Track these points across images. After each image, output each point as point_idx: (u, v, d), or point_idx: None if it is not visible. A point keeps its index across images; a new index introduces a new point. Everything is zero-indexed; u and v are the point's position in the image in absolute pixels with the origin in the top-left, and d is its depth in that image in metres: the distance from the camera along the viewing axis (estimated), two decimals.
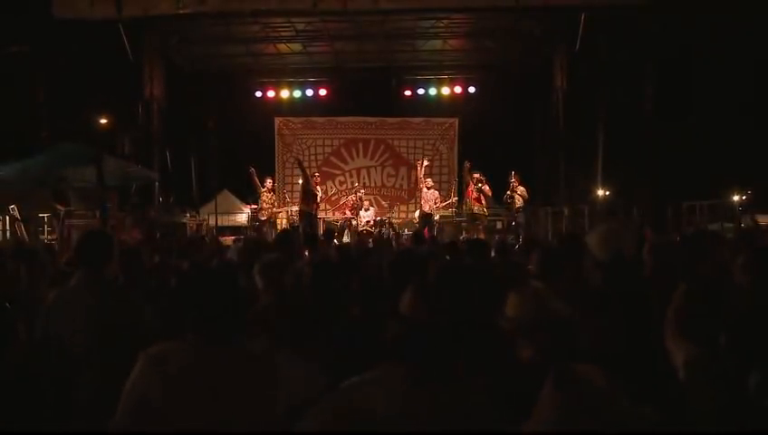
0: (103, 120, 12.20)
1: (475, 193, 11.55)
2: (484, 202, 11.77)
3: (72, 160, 10.45)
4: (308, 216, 11.44)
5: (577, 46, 12.32)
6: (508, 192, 11.98)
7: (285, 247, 4.28)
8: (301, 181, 12.37)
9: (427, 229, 11.25)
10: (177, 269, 3.99)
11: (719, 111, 16.90)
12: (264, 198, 12.47)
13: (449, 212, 13.35)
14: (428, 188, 12.32)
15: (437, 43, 14.78)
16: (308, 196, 11.62)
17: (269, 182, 12.68)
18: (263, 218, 12.57)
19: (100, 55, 11.37)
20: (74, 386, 2.32)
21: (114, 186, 12.35)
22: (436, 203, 12.28)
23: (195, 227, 13.15)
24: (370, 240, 9.28)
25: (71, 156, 10.51)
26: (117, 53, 11.72)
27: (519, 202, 11.92)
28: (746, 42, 14.51)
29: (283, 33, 14.03)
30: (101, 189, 10.19)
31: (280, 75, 16.23)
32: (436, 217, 12.48)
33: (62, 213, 10.70)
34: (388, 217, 13.18)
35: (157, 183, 13.27)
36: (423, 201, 12.29)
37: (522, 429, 1.61)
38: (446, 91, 16.14)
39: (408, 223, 14.58)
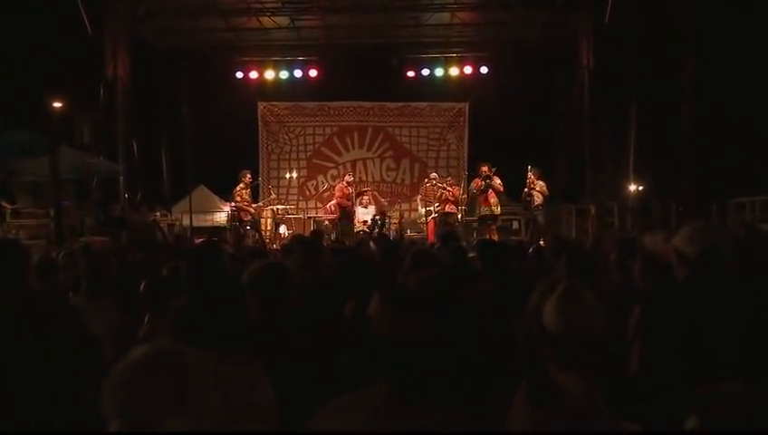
0: (58, 104, 12.01)
1: (482, 189, 11.63)
2: (493, 200, 11.86)
3: (21, 151, 10.49)
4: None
5: (606, 17, 12.16)
6: (526, 189, 12.01)
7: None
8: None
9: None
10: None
11: None
12: (241, 194, 12.38)
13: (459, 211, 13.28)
14: (450, 187, 12.66)
15: (445, 17, 14.62)
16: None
17: (247, 177, 12.70)
18: (246, 219, 12.52)
19: (53, 28, 11.17)
20: None
21: (71, 180, 12.35)
22: (454, 197, 12.63)
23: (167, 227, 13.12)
24: (372, 243, 9.15)
25: (19, 145, 10.54)
26: (73, 25, 11.55)
27: (538, 199, 12.02)
28: None
29: (267, 5, 13.89)
30: (56, 184, 10.15)
31: (264, 53, 16.11)
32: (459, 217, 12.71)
33: (8, 212, 10.59)
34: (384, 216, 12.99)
35: (121, 177, 13.21)
36: (442, 201, 12.58)
37: None
38: (454, 71, 16.01)
39: (411, 223, 14.44)
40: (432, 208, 12.86)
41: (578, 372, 1.79)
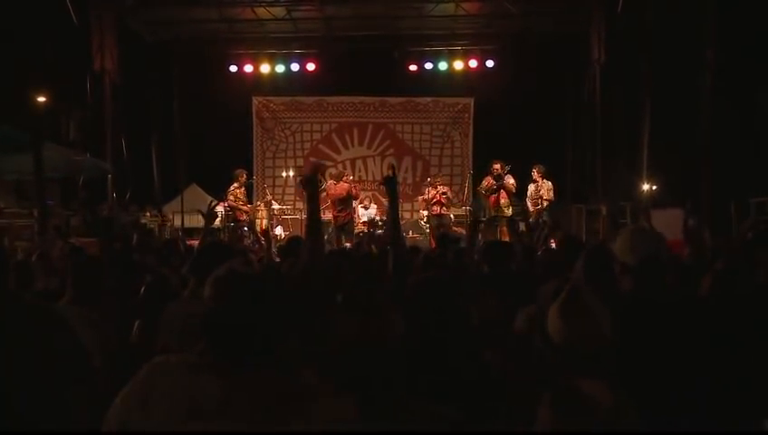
0: (42, 99, 11.99)
1: (494, 189, 11.63)
2: (504, 201, 11.90)
3: (3, 147, 10.38)
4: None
5: (619, 8, 12.12)
6: (528, 202, 12.06)
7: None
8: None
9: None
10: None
11: None
12: (235, 194, 12.37)
13: (463, 211, 13.43)
14: (435, 188, 12.70)
15: (449, 7, 14.56)
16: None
17: (243, 176, 12.71)
18: (241, 219, 12.52)
19: (37, 19, 11.16)
20: None
21: (57, 178, 12.29)
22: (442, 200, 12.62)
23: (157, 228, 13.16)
24: (374, 246, 9.21)
25: (1, 142, 10.42)
26: (58, 15, 11.50)
27: (544, 204, 12.04)
28: None
29: None
30: (40, 183, 10.09)
31: (259, 46, 16.08)
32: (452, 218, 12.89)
33: None
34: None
35: (110, 176, 13.17)
36: (432, 205, 12.62)
37: None
38: (459, 65, 15.99)
39: (413, 223, 14.43)
40: (428, 212, 12.99)
41: (606, 380, 1.82)
